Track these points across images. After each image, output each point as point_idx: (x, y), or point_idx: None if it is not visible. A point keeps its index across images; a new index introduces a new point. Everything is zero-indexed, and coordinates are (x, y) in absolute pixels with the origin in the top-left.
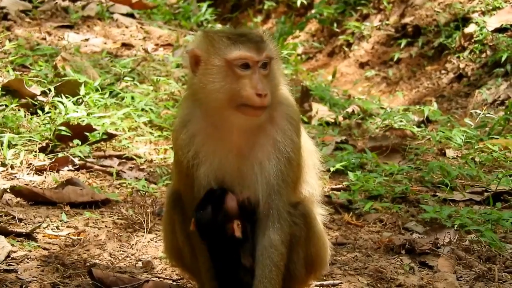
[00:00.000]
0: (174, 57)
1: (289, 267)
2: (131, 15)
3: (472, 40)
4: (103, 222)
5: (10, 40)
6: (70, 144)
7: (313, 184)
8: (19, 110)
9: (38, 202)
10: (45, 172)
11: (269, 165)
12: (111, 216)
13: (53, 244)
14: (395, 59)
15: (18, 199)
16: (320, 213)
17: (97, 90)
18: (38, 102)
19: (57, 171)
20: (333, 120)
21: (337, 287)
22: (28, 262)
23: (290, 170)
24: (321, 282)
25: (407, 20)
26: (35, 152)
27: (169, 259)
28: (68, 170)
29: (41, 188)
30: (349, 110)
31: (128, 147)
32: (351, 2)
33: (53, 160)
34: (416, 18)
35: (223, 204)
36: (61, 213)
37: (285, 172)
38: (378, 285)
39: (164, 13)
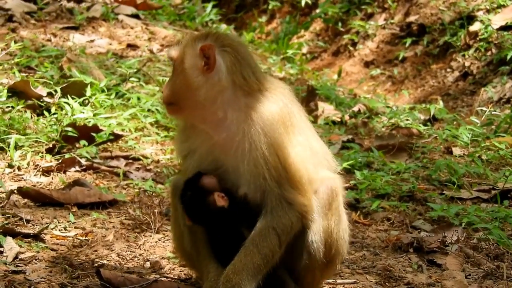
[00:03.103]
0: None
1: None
2: (136, 16)
3: (477, 38)
4: (110, 222)
5: (15, 42)
6: (77, 145)
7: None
8: (25, 111)
9: (46, 203)
10: (52, 173)
11: (246, 159)
12: (119, 217)
13: (61, 245)
14: (400, 57)
15: (26, 200)
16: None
17: (103, 91)
18: (44, 103)
19: (64, 172)
20: (339, 119)
21: (349, 286)
22: (36, 263)
23: (271, 167)
24: (334, 280)
25: (412, 18)
26: (42, 153)
27: (178, 256)
28: (75, 171)
29: (48, 189)
30: (355, 109)
31: (134, 147)
32: (356, 1)
33: (60, 161)
34: (421, 17)
35: (198, 183)
36: (69, 214)
37: (265, 168)
38: (387, 283)
39: (169, 14)
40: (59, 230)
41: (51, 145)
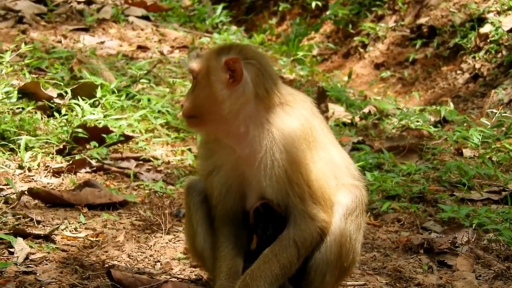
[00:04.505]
0: (189, 59)
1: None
2: (146, 18)
3: (488, 40)
4: (121, 223)
5: (25, 43)
6: (87, 146)
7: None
8: (35, 112)
9: (56, 204)
10: (62, 174)
11: (269, 176)
12: (129, 218)
13: (72, 246)
14: (410, 59)
15: (36, 201)
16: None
17: (113, 92)
18: (55, 104)
19: (75, 173)
20: (349, 121)
21: (360, 287)
22: (46, 264)
23: (293, 184)
24: (344, 281)
25: (422, 20)
26: (52, 154)
27: (191, 256)
28: (85, 172)
29: (58, 190)
30: (366, 110)
31: (145, 148)
32: (366, 3)
33: (71, 162)
34: (431, 19)
35: (276, 213)
36: (79, 215)
37: (288, 185)
38: (397, 284)
39: (179, 16)
40: (70, 231)
41: (61, 146)
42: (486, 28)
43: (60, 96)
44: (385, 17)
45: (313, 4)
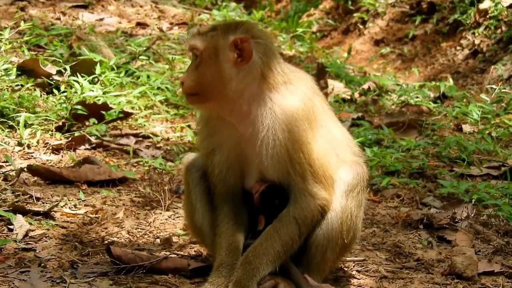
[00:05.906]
0: (189, 35)
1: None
2: None
3: (487, 16)
4: (120, 200)
5: (24, 21)
6: (87, 123)
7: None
8: (34, 89)
9: (55, 181)
10: (61, 151)
11: (270, 155)
12: (129, 194)
13: (71, 223)
14: (410, 36)
15: (35, 178)
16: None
17: (112, 69)
18: (54, 81)
19: (74, 150)
20: (349, 97)
21: (360, 263)
22: (46, 241)
23: (295, 163)
24: (344, 258)
25: None
26: (52, 131)
27: (190, 232)
28: (84, 149)
29: (58, 167)
30: (365, 86)
31: (144, 125)
32: None
33: (70, 139)
34: None
35: (281, 190)
36: (79, 192)
37: (289, 164)
38: (397, 259)
39: None
40: (69, 207)
41: (60, 123)
42: (485, 4)
43: (59, 73)
44: None
45: None
